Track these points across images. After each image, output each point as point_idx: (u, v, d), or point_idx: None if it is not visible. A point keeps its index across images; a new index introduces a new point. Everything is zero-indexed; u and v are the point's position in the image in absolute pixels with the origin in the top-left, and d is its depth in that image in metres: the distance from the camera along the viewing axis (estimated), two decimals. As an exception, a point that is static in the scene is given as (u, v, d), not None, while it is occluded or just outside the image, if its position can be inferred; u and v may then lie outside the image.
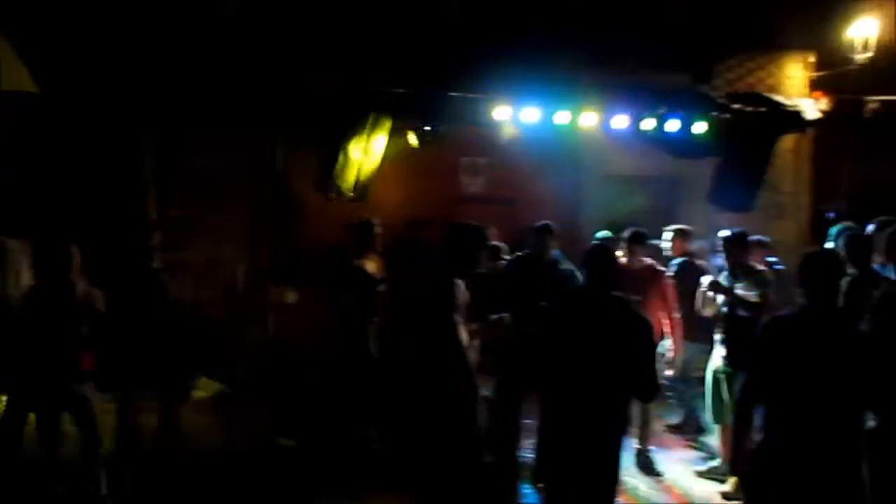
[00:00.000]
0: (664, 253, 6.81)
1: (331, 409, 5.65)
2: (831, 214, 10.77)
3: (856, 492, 3.20)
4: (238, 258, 8.23)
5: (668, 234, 6.75)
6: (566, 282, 5.20)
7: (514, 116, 7.75)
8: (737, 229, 5.72)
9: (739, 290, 5.40)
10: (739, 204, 9.07)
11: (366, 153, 7.48)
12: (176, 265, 6.37)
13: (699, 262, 6.72)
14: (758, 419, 3.35)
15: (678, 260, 6.65)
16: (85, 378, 4.82)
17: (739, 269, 5.46)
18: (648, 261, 6.29)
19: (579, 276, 5.21)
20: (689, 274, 6.34)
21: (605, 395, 3.59)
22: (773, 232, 9.39)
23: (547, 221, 5.80)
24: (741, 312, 5.29)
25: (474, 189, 9.09)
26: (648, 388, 3.71)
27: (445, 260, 4.36)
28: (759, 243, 6.64)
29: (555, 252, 5.73)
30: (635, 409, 4.92)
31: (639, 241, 6.17)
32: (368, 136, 7.47)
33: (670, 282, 6.24)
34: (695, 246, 6.94)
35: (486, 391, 4.73)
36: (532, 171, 8.51)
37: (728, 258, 5.56)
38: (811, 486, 3.20)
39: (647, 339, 3.67)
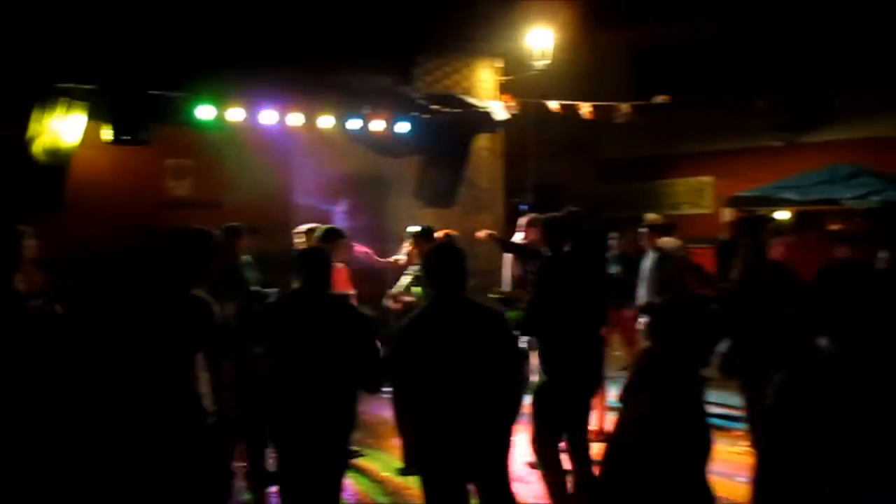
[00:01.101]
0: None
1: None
2: (524, 207, 11.89)
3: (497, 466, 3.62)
4: None
5: (299, 237, 6.77)
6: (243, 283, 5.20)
7: (219, 116, 7.54)
8: (424, 225, 6.00)
9: None
10: (442, 199, 9.69)
11: (55, 148, 6.88)
12: None
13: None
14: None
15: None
16: None
17: None
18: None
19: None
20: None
21: (331, 389, 3.77)
22: (473, 225, 10.13)
23: (234, 224, 5.74)
24: None
25: (180, 192, 8.69)
26: (372, 380, 3.90)
27: (174, 269, 4.02)
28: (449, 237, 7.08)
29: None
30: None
31: (331, 239, 6.24)
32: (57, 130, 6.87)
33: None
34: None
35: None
36: (241, 173, 8.33)
37: (418, 252, 5.75)
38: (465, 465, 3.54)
39: (368, 333, 3.86)
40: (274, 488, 5.10)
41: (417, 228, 6.01)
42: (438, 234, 6.51)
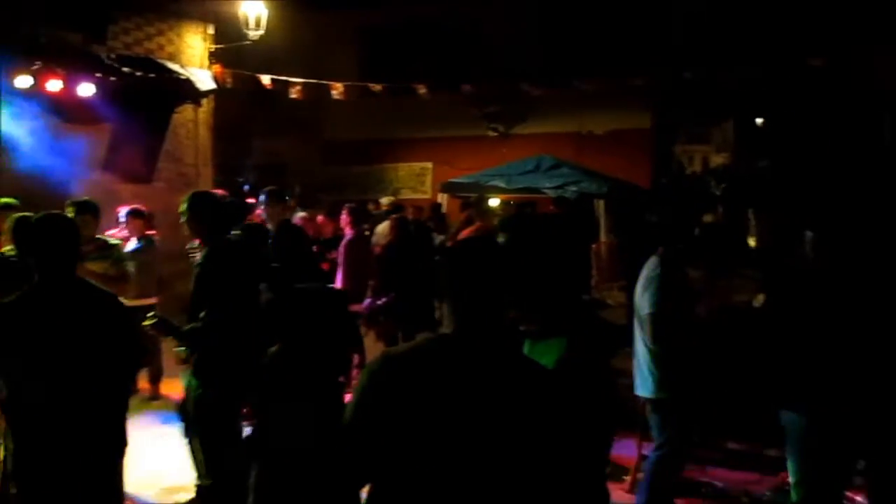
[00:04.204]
0: None
1: None
2: (247, 186, 11.24)
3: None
4: None
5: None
6: None
7: None
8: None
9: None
10: (138, 174, 8.80)
11: None
12: None
13: None
14: None
15: None
16: None
17: (93, 243, 5.00)
18: None
19: None
20: None
21: None
22: (178, 202, 9.34)
23: None
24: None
25: None
26: None
27: None
28: (139, 213, 6.40)
29: None
30: None
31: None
32: None
33: None
34: None
35: None
36: None
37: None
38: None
39: None
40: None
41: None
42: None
